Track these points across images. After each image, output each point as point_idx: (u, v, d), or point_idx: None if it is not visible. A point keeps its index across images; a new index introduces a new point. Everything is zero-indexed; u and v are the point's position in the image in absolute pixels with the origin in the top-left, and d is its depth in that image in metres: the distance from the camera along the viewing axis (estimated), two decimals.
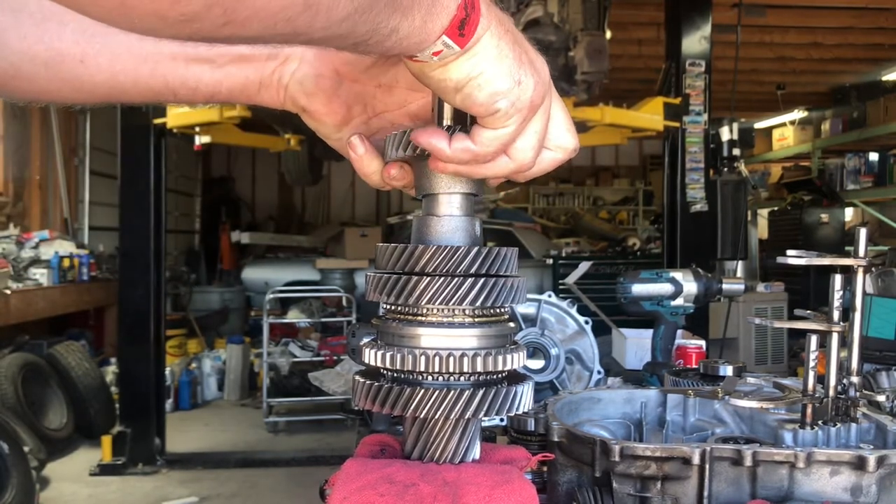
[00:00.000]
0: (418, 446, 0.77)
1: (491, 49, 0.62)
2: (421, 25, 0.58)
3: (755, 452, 0.97)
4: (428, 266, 0.72)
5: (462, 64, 0.62)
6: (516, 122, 0.66)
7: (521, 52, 0.65)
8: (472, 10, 0.60)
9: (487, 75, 0.63)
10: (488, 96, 0.64)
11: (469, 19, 0.60)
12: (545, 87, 0.67)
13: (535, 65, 0.66)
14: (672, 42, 6.09)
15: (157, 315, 5.93)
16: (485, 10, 0.62)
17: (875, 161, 9.98)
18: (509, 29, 0.65)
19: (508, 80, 0.63)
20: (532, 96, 0.65)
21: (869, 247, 1.12)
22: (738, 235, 5.99)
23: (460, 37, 0.60)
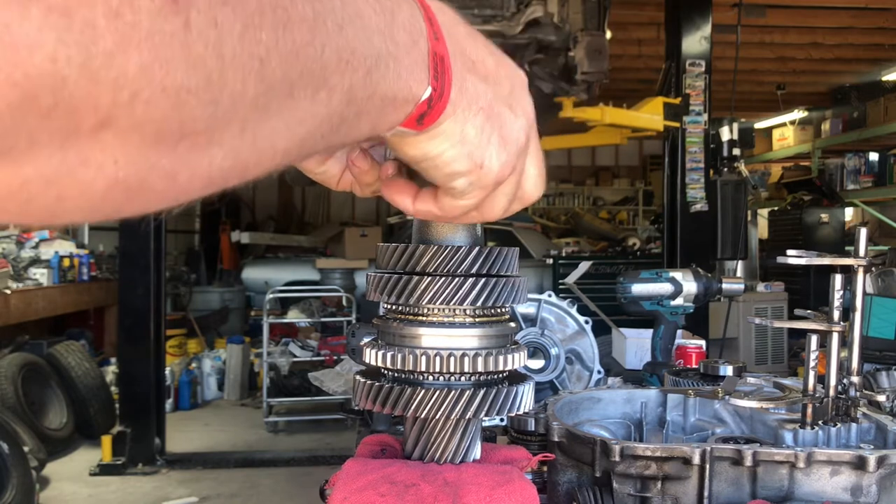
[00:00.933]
0: (419, 446, 0.77)
1: (453, 133, 0.58)
2: (370, 130, 0.54)
3: (755, 452, 0.97)
4: (429, 266, 0.72)
5: (419, 143, 0.59)
6: (478, 196, 0.63)
7: (491, 132, 0.60)
8: (439, 101, 0.55)
9: (446, 157, 0.59)
10: (445, 176, 0.61)
11: (431, 112, 0.55)
12: (516, 158, 0.63)
13: (508, 140, 0.62)
14: (672, 42, 6.10)
15: (157, 315, 5.93)
16: (455, 96, 0.56)
17: (875, 161, 9.99)
18: (484, 106, 0.59)
19: (468, 162, 0.60)
20: (496, 176, 0.61)
21: (869, 247, 1.12)
22: (738, 235, 5.99)
23: (418, 125, 0.56)
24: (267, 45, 0.39)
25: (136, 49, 0.33)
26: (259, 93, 0.40)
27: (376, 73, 0.49)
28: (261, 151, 0.44)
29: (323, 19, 0.44)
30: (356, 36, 0.47)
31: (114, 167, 0.36)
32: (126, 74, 0.33)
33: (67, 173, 0.35)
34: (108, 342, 8.12)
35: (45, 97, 0.31)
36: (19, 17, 0.29)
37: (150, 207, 0.41)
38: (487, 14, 4.54)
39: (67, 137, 0.34)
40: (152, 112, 0.35)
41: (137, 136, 0.36)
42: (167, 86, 0.35)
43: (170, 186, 0.40)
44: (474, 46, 0.60)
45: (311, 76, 0.44)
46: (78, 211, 0.38)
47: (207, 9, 0.36)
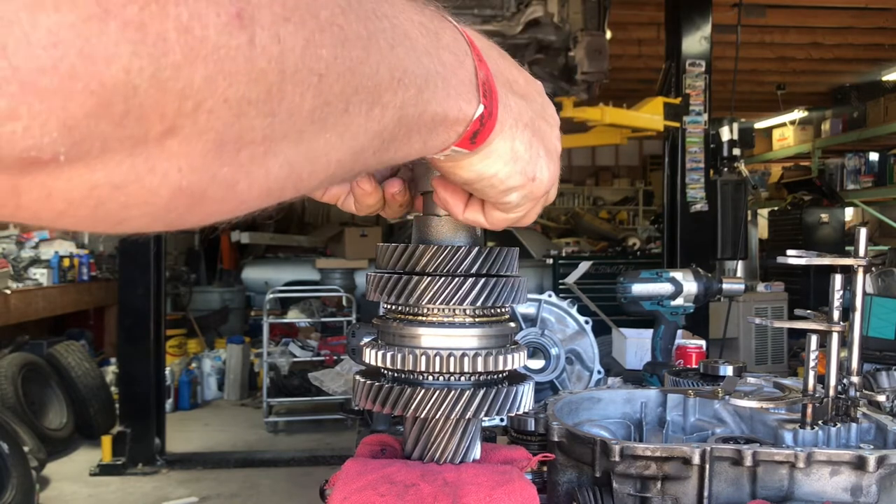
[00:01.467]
0: (419, 446, 0.77)
1: (504, 152, 0.60)
2: (421, 148, 0.55)
3: (755, 452, 0.97)
4: (428, 266, 0.72)
5: (473, 164, 0.60)
6: (527, 208, 0.66)
7: (539, 145, 0.62)
8: (489, 118, 0.57)
9: (501, 175, 0.61)
10: (500, 193, 0.63)
11: (482, 130, 0.57)
12: (558, 171, 0.66)
13: (552, 150, 0.64)
14: (672, 42, 6.09)
15: (157, 315, 5.93)
16: (502, 114, 0.58)
17: (875, 161, 9.98)
18: (528, 122, 0.61)
19: (522, 177, 0.62)
20: (547, 186, 0.64)
21: (869, 247, 1.12)
22: (738, 235, 5.99)
23: (471, 144, 0.58)
24: (326, 61, 0.41)
25: (202, 62, 0.35)
26: (316, 106, 0.42)
27: (427, 92, 0.51)
28: (315, 162, 0.45)
29: (376, 38, 0.46)
30: (407, 55, 0.48)
31: (178, 175, 0.38)
32: (192, 85, 0.35)
33: (135, 179, 0.37)
34: (108, 342, 8.12)
35: (117, 105, 0.33)
36: (98, 32, 0.31)
37: (210, 217, 0.43)
38: (487, 14, 4.54)
39: (136, 144, 0.35)
40: (214, 121, 0.37)
41: (200, 144, 0.37)
42: (229, 97, 0.37)
43: (229, 195, 0.42)
44: (508, 67, 0.63)
45: (366, 92, 0.45)
46: (143, 217, 0.39)
47: (271, 25, 0.38)
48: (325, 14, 0.41)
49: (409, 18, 0.51)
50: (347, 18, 0.43)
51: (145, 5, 0.33)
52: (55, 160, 0.33)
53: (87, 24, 0.31)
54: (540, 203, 0.67)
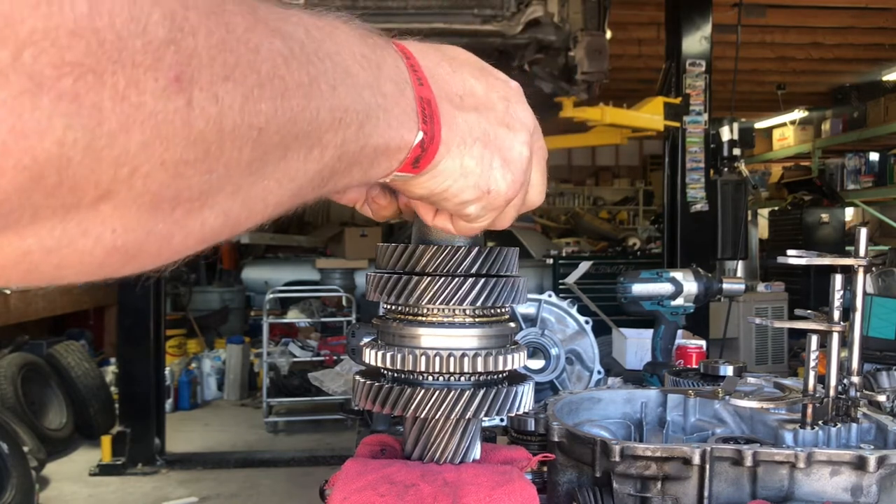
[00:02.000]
0: (418, 446, 0.76)
1: (453, 170, 0.59)
2: (361, 178, 0.55)
3: (755, 452, 0.97)
4: (428, 266, 0.72)
5: (422, 184, 0.60)
6: (490, 217, 0.65)
7: (491, 158, 0.61)
8: (431, 143, 0.56)
9: (452, 190, 0.61)
10: (455, 206, 0.63)
11: (425, 155, 0.57)
12: (523, 174, 0.64)
13: (511, 160, 0.62)
14: (672, 42, 6.09)
15: (156, 315, 5.93)
16: (446, 136, 0.58)
17: (875, 161, 9.99)
18: (479, 136, 0.60)
19: (475, 191, 0.61)
20: (506, 196, 0.63)
21: (869, 247, 1.12)
22: (738, 235, 5.99)
23: (414, 168, 0.57)
24: (266, 115, 0.41)
25: (139, 128, 0.35)
26: (254, 158, 0.42)
27: (368, 126, 0.51)
28: (252, 209, 0.45)
29: (318, 83, 0.45)
30: (348, 93, 0.48)
31: (112, 235, 0.38)
32: (127, 152, 0.35)
33: (68, 244, 0.36)
34: (107, 342, 8.12)
35: (50, 177, 0.33)
36: (31, 107, 0.31)
37: (146, 268, 0.44)
38: (487, 14, 4.54)
39: (69, 211, 0.35)
40: (150, 184, 0.37)
41: (135, 207, 0.37)
42: (166, 160, 0.36)
43: (165, 248, 0.42)
44: (460, 80, 0.61)
45: (306, 137, 0.45)
46: (77, 275, 0.39)
47: (210, 85, 0.37)
48: (266, 67, 0.41)
49: (351, 53, 0.51)
50: (290, 68, 0.43)
51: (80, 76, 0.32)
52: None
53: (18, 101, 0.30)
54: (513, 208, 0.66)
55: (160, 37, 0.35)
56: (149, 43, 0.34)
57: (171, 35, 0.35)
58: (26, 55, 0.30)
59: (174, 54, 0.35)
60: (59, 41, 0.31)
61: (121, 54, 0.33)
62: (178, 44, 0.35)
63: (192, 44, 0.36)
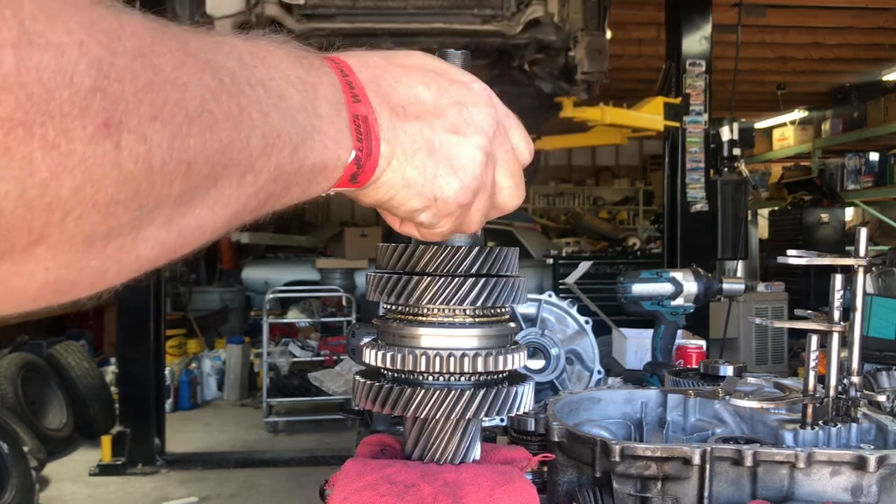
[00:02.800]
0: (419, 446, 0.76)
1: (395, 181, 0.60)
2: (300, 196, 0.55)
3: (756, 452, 0.97)
4: (428, 266, 0.72)
5: (367, 194, 0.61)
6: (447, 223, 0.65)
7: (436, 167, 0.61)
8: (368, 159, 0.57)
9: (398, 199, 0.61)
10: (405, 213, 0.63)
11: (362, 171, 0.57)
12: (475, 180, 0.63)
13: (459, 166, 0.62)
14: (672, 42, 6.09)
15: (156, 315, 5.92)
16: (385, 150, 0.58)
17: (875, 161, 9.98)
18: (422, 146, 0.60)
19: (420, 200, 0.61)
20: (457, 201, 0.62)
21: (869, 246, 1.12)
22: (738, 235, 5.99)
23: (353, 183, 0.58)
24: (195, 149, 0.41)
25: (69, 175, 0.35)
26: (185, 191, 0.42)
27: (303, 148, 0.51)
28: (187, 237, 0.46)
29: (248, 112, 0.46)
30: (281, 118, 0.49)
31: (45, 273, 0.38)
32: (59, 198, 0.35)
33: (0, 283, 0.37)
34: (107, 342, 8.12)
35: None
36: None
37: (79, 298, 0.44)
38: (487, 14, 4.54)
39: (2, 256, 0.35)
40: (83, 225, 0.37)
41: (68, 246, 0.38)
42: (97, 201, 0.37)
43: (100, 281, 0.42)
44: (405, 89, 0.61)
45: (236, 165, 0.46)
46: (9, 310, 0.41)
47: (137, 127, 0.38)
48: (194, 104, 0.42)
49: (285, 77, 0.51)
50: (219, 101, 0.43)
51: (10, 130, 0.32)
52: None
53: None
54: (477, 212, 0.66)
55: (87, 85, 0.35)
56: (76, 93, 0.35)
57: (97, 83, 0.36)
58: None
59: (101, 101, 0.36)
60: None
61: (49, 106, 0.33)
62: (105, 91, 0.36)
63: (118, 89, 0.37)
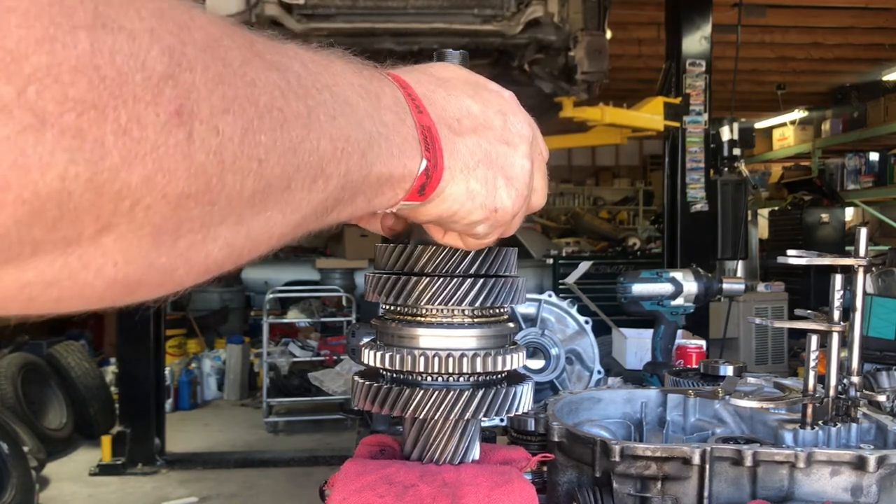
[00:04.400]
0: (418, 447, 0.76)
1: (459, 194, 0.60)
2: (366, 206, 0.55)
3: (755, 452, 0.96)
4: (427, 266, 0.72)
5: (430, 210, 0.61)
6: (498, 233, 0.66)
7: (495, 178, 0.62)
8: (435, 170, 0.57)
9: (461, 213, 0.62)
10: (464, 227, 0.64)
11: (430, 182, 0.57)
12: (526, 188, 0.65)
13: (513, 176, 0.63)
14: (672, 42, 6.09)
15: (156, 315, 5.92)
16: (449, 162, 0.58)
17: (875, 161, 9.98)
18: (481, 158, 0.61)
19: (482, 211, 0.62)
20: (512, 211, 0.64)
21: (869, 246, 1.12)
22: (738, 235, 5.98)
23: (420, 196, 0.58)
24: (266, 146, 0.41)
25: (140, 162, 0.35)
26: (257, 190, 0.42)
27: (370, 155, 0.51)
28: (256, 240, 0.46)
29: (317, 113, 0.46)
30: (348, 123, 0.49)
31: (113, 269, 0.38)
32: (129, 186, 0.35)
33: (68, 276, 0.36)
34: (107, 342, 8.12)
35: (51, 211, 0.33)
36: (34, 142, 0.31)
37: (147, 298, 0.43)
38: (487, 14, 4.54)
39: (69, 244, 0.35)
40: (152, 217, 0.37)
41: (137, 239, 0.37)
42: (168, 193, 0.37)
43: (168, 281, 0.42)
44: (457, 103, 0.61)
45: (308, 168, 0.46)
46: (76, 307, 0.40)
47: (209, 118, 0.38)
48: (264, 100, 0.41)
49: (349, 84, 0.51)
50: (287, 100, 0.43)
51: (83, 111, 0.32)
52: None
53: (22, 136, 0.31)
54: (517, 219, 0.67)
55: (159, 72, 0.35)
56: (148, 78, 0.35)
57: (169, 70, 0.36)
58: (30, 91, 0.31)
59: (173, 88, 0.36)
60: (61, 77, 0.31)
61: (122, 90, 0.34)
62: (177, 78, 0.36)
63: (190, 78, 0.37)
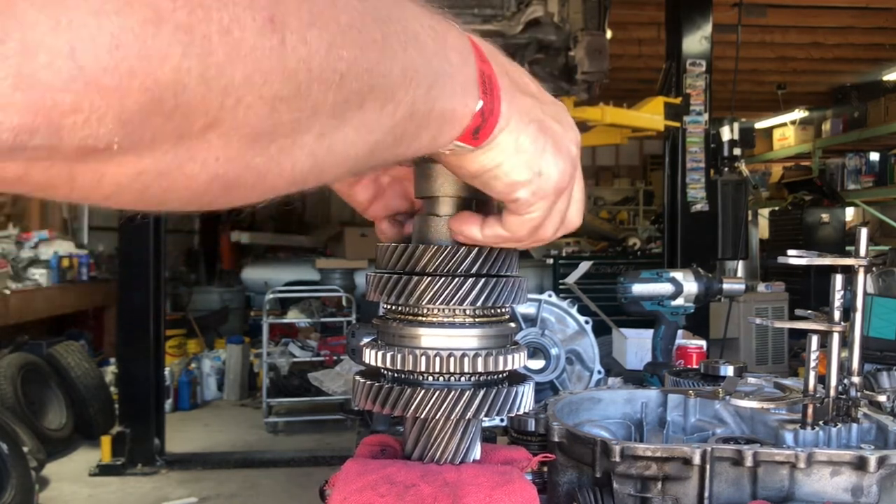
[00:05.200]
0: (419, 447, 0.76)
1: (508, 145, 0.61)
2: (429, 143, 0.57)
3: (756, 453, 0.96)
4: (428, 266, 0.72)
5: (477, 157, 0.62)
6: (542, 207, 0.65)
7: (545, 142, 0.63)
8: (490, 115, 0.59)
9: (505, 167, 0.62)
10: (506, 186, 0.63)
11: (485, 125, 0.59)
12: (572, 168, 0.66)
13: (562, 147, 0.64)
14: (672, 42, 6.09)
15: (156, 315, 5.92)
16: (505, 110, 0.60)
17: (875, 161, 9.98)
18: (535, 118, 0.63)
19: (527, 171, 0.62)
20: (556, 183, 0.64)
21: (870, 246, 1.12)
22: (738, 235, 5.98)
23: (474, 139, 0.59)
24: (347, 62, 0.45)
25: (241, 61, 0.38)
26: (337, 103, 0.46)
27: (435, 90, 0.54)
28: (336, 155, 0.49)
29: (390, 41, 0.49)
30: (418, 55, 0.52)
31: (215, 164, 0.42)
32: (233, 83, 0.39)
33: (177, 167, 0.41)
34: (107, 342, 8.11)
35: (168, 101, 0.37)
36: (153, 34, 0.35)
37: (240, 201, 0.48)
38: (487, 14, 4.54)
39: (181, 136, 0.39)
40: (251, 116, 0.41)
41: (237, 137, 0.41)
42: (264, 94, 0.40)
43: (259, 182, 0.46)
44: (518, 72, 0.65)
45: (381, 90, 0.49)
46: (181, 200, 0.44)
47: (298, 29, 0.41)
48: (345, 19, 0.45)
49: (419, 22, 0.54)
50: (365, 23, 0.47)
51: (192, 10, 0.36)
52: (109, 149, 0.37)
53: (143, 28, 0.34)
54: (557, 209, 0.67)
55: None
56: None
57: None
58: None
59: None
60: None
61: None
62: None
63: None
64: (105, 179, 0.39)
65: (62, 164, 0.37)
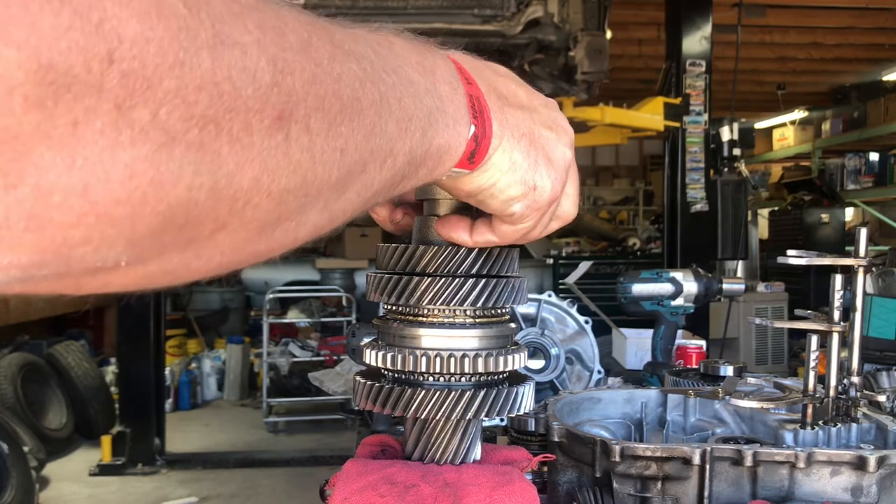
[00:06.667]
0: (419, 447, 0.76)
1: (503, 163, 0.62)
2: (426, 176, 0.58)
3: (756, 452, 0.97)
4: (429, 266, 0.72)
5: (473, 179, 0.62)
6: (534, 218, 0.66)
7: (537, 155, 0.63)
8: (483, 138, 0.59)
9: (500, 185, 0.63)
10: (502, 203, 0.64)
11: (479, 149, 0.59)
12: (565, 175, 0.66)
13: (554, 159, 0.65)
14: (672, 42, 6.09)
15: (156, 315, 5.92)
16: (497, 129, 0.60)
17: (875, 161, 9.97)
18: (526, 132, 0.63)
19: (521, 187, 0.63)
20: (550, 195, 0.65)
21: (869, 247, 1.12)
22: (738, 235, 5.98)
23: (470, 164, 0.60)
24: (345, 136, 0.45)
25: (249, 166, 0.38)
26: (340, 177, 0.46)
27: (430, 130, 0.54)
28: (334, 219, 0.50)
29: (387, 98, 0.49)
30: (412, 103, 0.52)
31: (220, 258, 0.42)
32: (241, 188, 0.39)
33: (183, 266, 0.41)
34: (107, 342, 8.12)
35: (179, 218, 0.37)
36: (167, 158, 0.34)
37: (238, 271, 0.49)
38: (487, 14, 4.54)
39: (189, 243, 0.39)
40: (258, 213, 0.41)
41: (244, 232, 0.42)
42: (272, 190, 0.40)
43: (259, 260, 0.47)
44: (504, 84, 0.64)
45: (380, 150, 0.49)
46: (182, 283, 0.44)
47: (303, 118, 0.41)
48: (347, 93, 0.44)
49: (410, 63, 0.53)
50: (364, 89, 0.46)
51: (204, 126, 0.35)
52: (117, 267, 0.37)
53: (157, 154, 0.33)
54: (548, 215, 0.68)
55: (266, 81, 0.38)
56: (258, 89, 0.37)
57: (274, 78, 0.38)
58: (162, 112, 0.33)
59: (277, 95, 0.38)
60: (188, 97, 0.34)
61: (235, 103, 0.36)
62: (280, 85, 0.39)
63: (290, 82, 0.39)
64: (111, 285, 0.39)
65: (69, 279, 0.37)
